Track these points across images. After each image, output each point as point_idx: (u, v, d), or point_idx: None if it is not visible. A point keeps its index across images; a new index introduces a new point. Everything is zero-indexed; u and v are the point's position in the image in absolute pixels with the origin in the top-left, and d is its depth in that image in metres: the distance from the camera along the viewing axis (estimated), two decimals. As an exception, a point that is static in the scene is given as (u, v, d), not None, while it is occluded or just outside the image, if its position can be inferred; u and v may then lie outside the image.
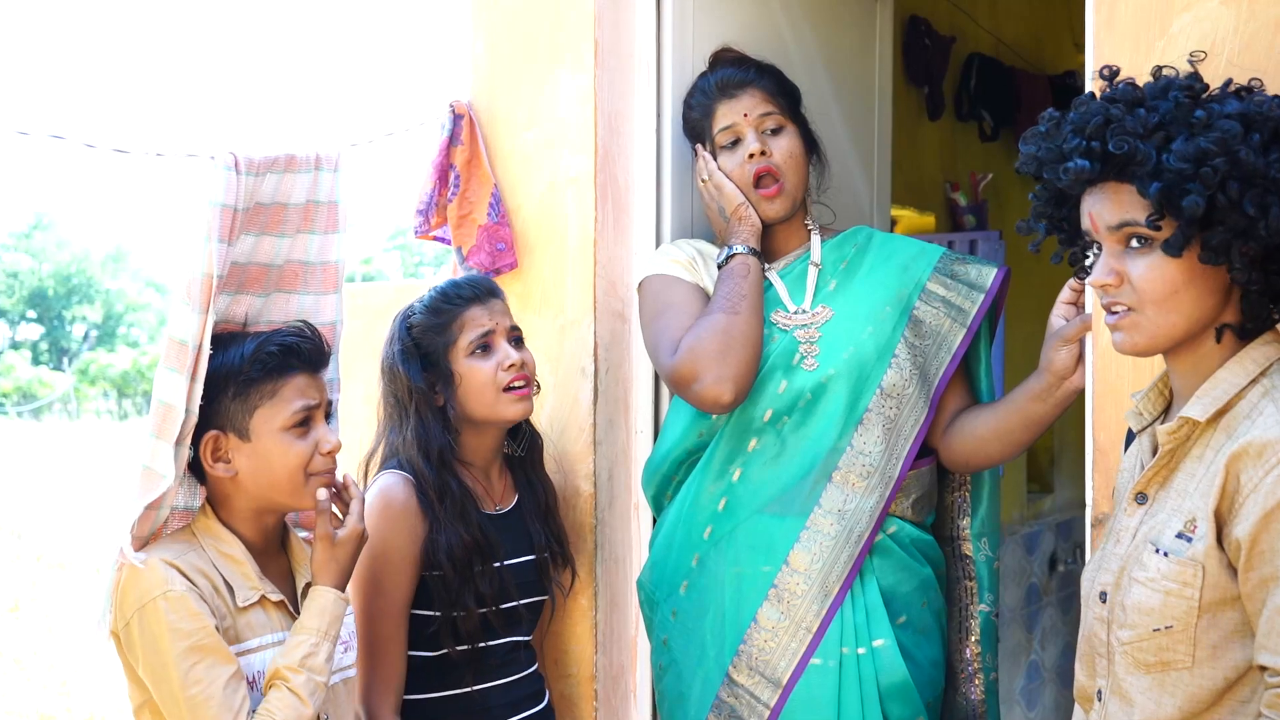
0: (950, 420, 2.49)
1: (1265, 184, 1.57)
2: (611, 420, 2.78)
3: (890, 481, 2.41)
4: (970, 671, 2.54)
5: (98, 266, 42.25)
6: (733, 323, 2.41)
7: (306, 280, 2.26)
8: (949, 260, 2.54)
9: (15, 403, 31.17)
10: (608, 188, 2.77)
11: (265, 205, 2.14)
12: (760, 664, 2.38)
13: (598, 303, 2.75)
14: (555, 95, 2.79)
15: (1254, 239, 1.58)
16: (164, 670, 1.88)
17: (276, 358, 2.02)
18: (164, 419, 1.96)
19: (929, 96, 4.66)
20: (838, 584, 2.37)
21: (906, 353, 2.45)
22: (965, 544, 2.57)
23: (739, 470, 2.45)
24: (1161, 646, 1.64)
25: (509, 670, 2.46)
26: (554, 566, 2.59)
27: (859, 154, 3.24)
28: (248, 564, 2.02)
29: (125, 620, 1.91)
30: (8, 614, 8.33)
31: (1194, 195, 1.57)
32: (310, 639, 1.98)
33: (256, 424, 2.01)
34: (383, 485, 2.40)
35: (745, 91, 2.54)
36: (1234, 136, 1.57)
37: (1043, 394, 2.30)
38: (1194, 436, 1.68)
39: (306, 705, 1.94)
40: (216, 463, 2.02)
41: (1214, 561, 1.61)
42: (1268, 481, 1.55)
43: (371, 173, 19.60)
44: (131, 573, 1.91)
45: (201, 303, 1.98)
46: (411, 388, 2.43)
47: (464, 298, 2.46)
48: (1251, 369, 1.66)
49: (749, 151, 2.51)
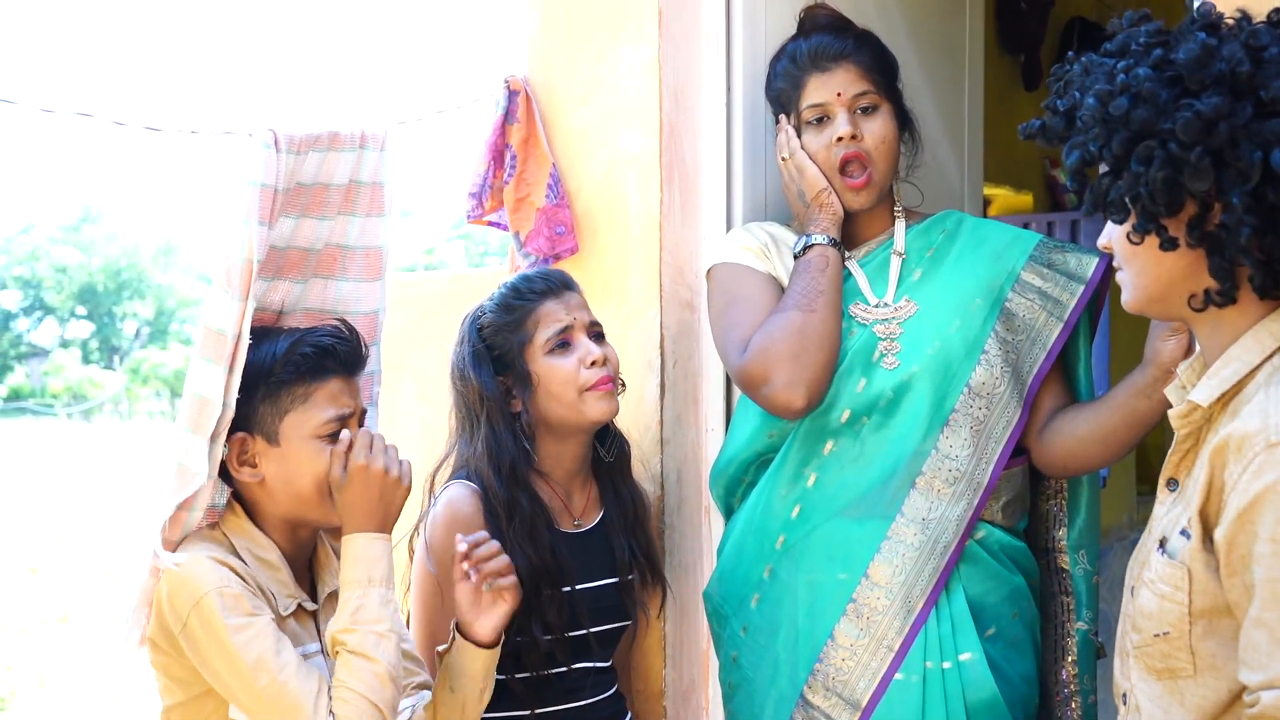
0: (1046, 420, 2.43)
1: (1145, 135, 1.55)
2: (680, 417, 2.75)
3: (979, 488, 2.36)
4: (1067, 694, 2.48)
5: (149, 261, 43.01)
6: (808, 321, 2.37)
7: (346, 265, 2.25)
8: (1046, 248, 2.48)
9: (65, 404, 31.89)
10: (674, 167, 2.75)
11: (306, 186, 2.14)
12: (838, 684, 2.34)
13: (664, 291, 2.73)
14: (616, 68, 2.78)
15: (1157, 196, 1.56)
16: (232, 664, 1.87)
17: (311, 360, 2.01)
18: (199, 413, 1.96)
19: (1025, 65, 4.60)
20: (921, 599, 2.33)
21: (998, 349, 2.40)
22: (1061, 556, 2.51)
23: (814, 475, 2.41)
24: (1164, 653, 1.62)
25: (578, 696, 2.44)
26: (641, 586, 2.55)
27: (948, 129, 3.19)
28: (284, 570, 2.03)
29: (182, 621, 1.90)
30: (58, 625, 8.49)
31: (1076, 151, 1.60)
32: (354, 592, 1.96)
33: (286, 429, 2.00)
34: (450, 496, 2.38)
35: (840, 66, 2.47)
36: (1109, 93, 1.57)
37: (1148, 389, 2.24)
38: (1214, 418, 1.63)
39: (376, 661, 1.92)
40: (243, 467, 2.02)
41: (1200, 565, 1.57)
42: (1244, 479, 1.50)
43: (432, 156, 19.63)
44: (176, 574, 1.91)
45: (241, 290, 1.97)
46: (483, 394, 2.40)
47: (537, 291, 2.43)
48: (1268, 344, 1.60)
49: (838, 134, 2.45)
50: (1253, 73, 1.51)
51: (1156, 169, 1.54)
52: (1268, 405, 1.53)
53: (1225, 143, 1.50)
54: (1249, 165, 1.49)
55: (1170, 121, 1.52)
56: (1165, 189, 1.54)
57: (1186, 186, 1.54)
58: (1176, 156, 1.52)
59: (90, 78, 56.66)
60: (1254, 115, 1.50)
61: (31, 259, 41.33)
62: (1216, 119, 1.50)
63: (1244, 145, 1.50)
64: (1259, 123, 1.50)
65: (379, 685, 1.91)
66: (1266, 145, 1.49)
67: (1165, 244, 1.59)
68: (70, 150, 53.84)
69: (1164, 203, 1.56)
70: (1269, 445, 1.49)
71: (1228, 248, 1.55)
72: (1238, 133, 1.50)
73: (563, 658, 2.38)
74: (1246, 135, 1.50)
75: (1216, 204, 1.55)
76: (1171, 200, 1.55)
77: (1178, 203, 1.56)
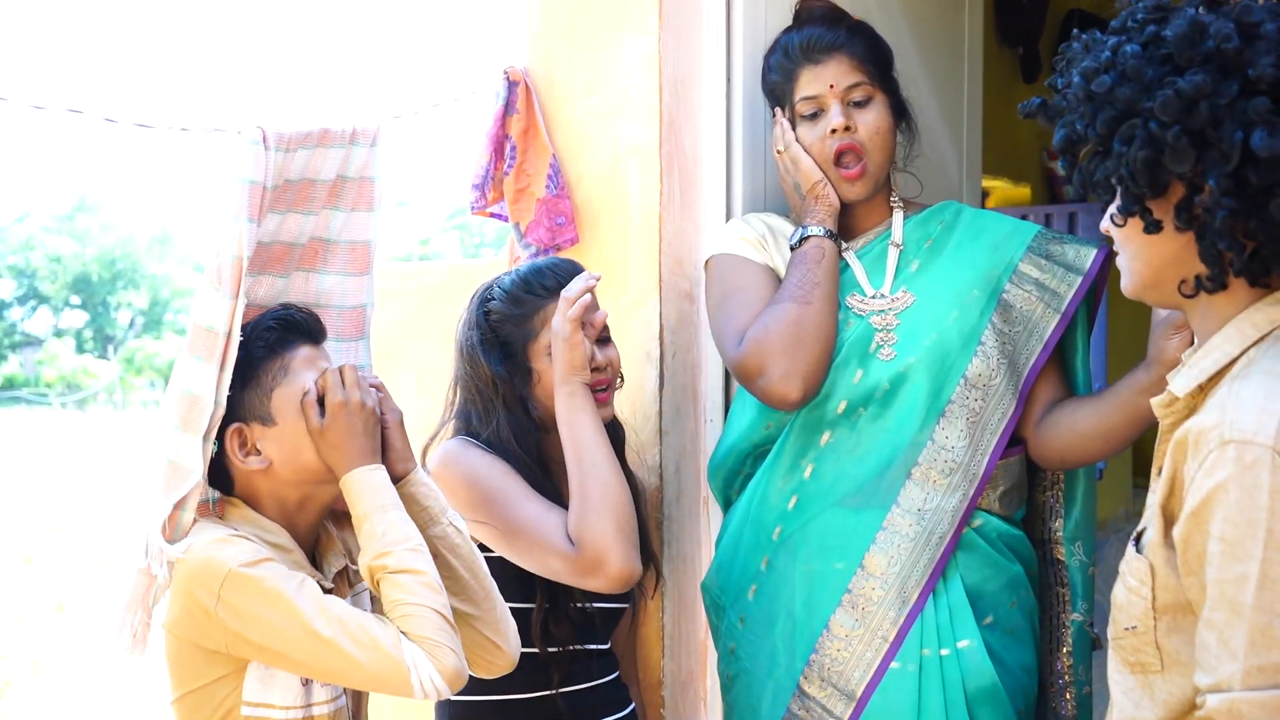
0: (1043, 413, 2.44)
1: (1129, 113, 1.52)
2: (679, 409, 2.76)
3: (974, 479, 2.37)
4: (1061, 685, 2.50)
5: (143, 250, 42.92)
6: (804, 313, 2.38)
7: (327, 259, 2.24)
8: (1044, 239, 2.48)
9: (59, 393, 31.82)
10: (673, 158, 2.75)
11: (294, 182, 2.14)
12: (833, 675, 2.35)
13: (663, 281, 2.73)
14: (617, 60, 2.78)
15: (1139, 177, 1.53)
16: (288, 616, 1.85)
17: (277, 332, 2.03)
18: (190, 409, 1.96)
19: (1023, 57, 4.61)
20: (916, 590, 2.34)
21: (994, 340, 2.41)
22: (1058, 548, 2.52)
23: (811, 466, 2.43)
24: (1134, 647, 1.60)
25: (579, 679, 2.46)
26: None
27: (947, 121, 3.20)
28: (296, 551, 2.02)
29: (215, 595, 1.86)
30: (53, 614, 8.50)
31: (1063, 130, 1.57)
32: (375, 520, 1.95)
33: (277, 404, 2.00)
34: (453, 444, 2.41)
35: (833, 58, 2.47)
36: (1094, 70, 1.54)
37: (1151, 387, 2.23)
38: (1197, 408, 1.58)
39: (422, 572, 1.92)
40: (248, 456, 2.01)
41: (1161, 560, 1.54)
42: (1199, 475, 1.46)
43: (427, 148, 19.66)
44: (194, 557, 1.89)
45: (232, 287, 1.97)
46: (495, 378, 2.42)
47: (547, 288, 2.43)
48: (1250, 333, 1.55)
49: (832, 126, 2.46)
50: (1240, 49, 1.46)
51: (1137, 148, 1.50)
52: (1227, 400, 1.49)
53: (1206, 122, 1.46)
54: (1230, 146, 1.45)
55: (1152, 100, 1.48)
56: (1146, 169, 1.51)
57: (1168, 167, 1.50)
58: (1156, 136, 1.49)
59: (83, 71, 56.53)
60: (1239, 94, 1.46)
61: (26, 248, 41.23)
62: (1197, 97, 1.46)
63: (1226, 125, 1.45)
64: (1244, 101, 1.45)
65: (432, 594, 1.92)
66: (1248, 125, 1.44)
67: (1149, 227, 1.56)
68: (65, 140, 53.71)
69: (1146, 184, 1.52)
70: (1222, 442, 1.45)
71: (1208, 231, 1.51)
72: (1220, 112, 1.46)
73: (569, 634, 2.40)
74: (1230, 115, 1.45)
75: (1206, 186, 1.50)
76: (1154, 181, 1.52)
77: (1160, 184, 1.52)
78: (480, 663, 2.10)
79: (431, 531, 2.05)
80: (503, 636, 2.11)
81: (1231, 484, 1.43)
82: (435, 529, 2.06)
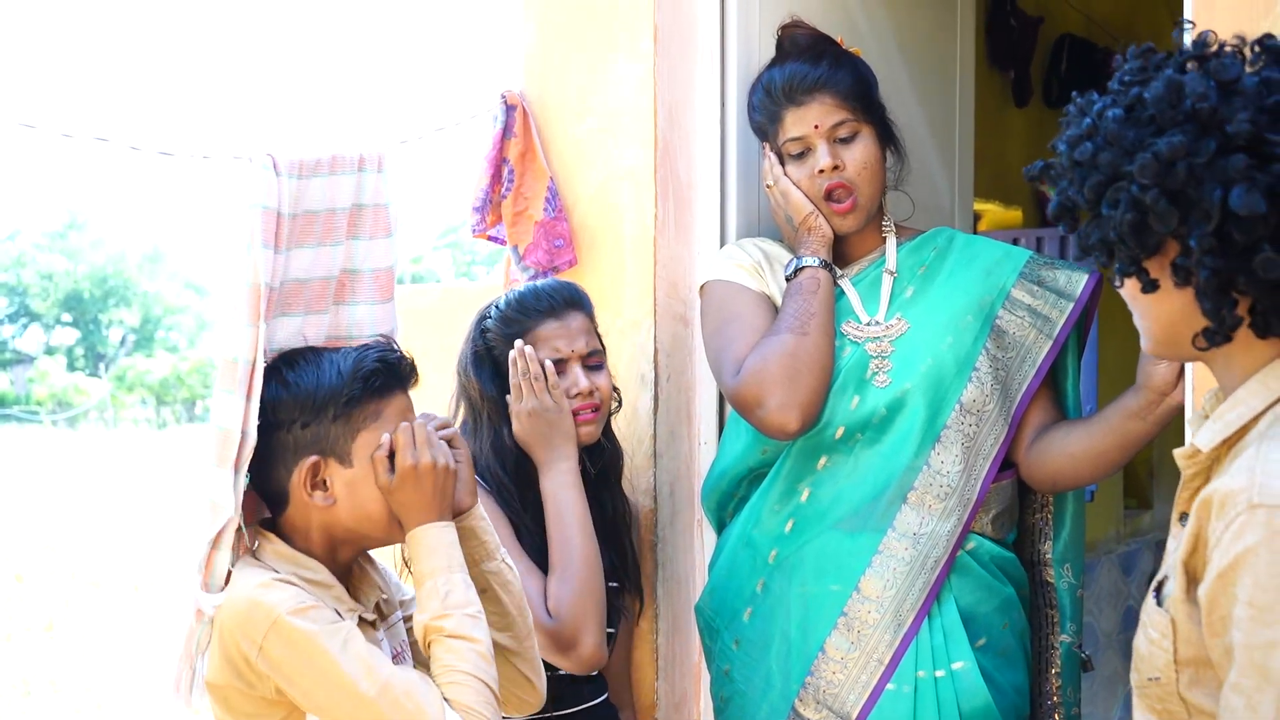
0: (1034, 437, 2.46)
1: (1115, 178, 1.52)
2: (673, 431, 2.77)
3: (969, 504, 2.38)
4: (1049, 705, 2.51)
5: (134, 268, 42.86)
6: (800, 345, 2.38)
7: (355, 289, 2.19)
8: (1036, 265, 2.50)
9: (50, 411, 31.74)
10: (668, 182, 2.76)
11: (317, 213, 2.10)
12: (828, 697, 2.36)
13: (658, 305, 2.74)
14: (611, 83, 2.79)
15: (1128, 239, 1.52)
16: (331, 674, 1.81)
17: (380, 375, 1.97)
18: (223, 445, 1.90)
19: (1015, 81, 4.62)
20: (911, 613, 2.35)
21: (988, 366, 2.42)
22: (1047, 570, 2.53)
23: (808, 490, 2.43)
24: (1159, 696, 1.58)
25: (566, 704, 2.45)
26: (621, 594, 2.57)
27: (938, 145, 3.22)
28: (337, 586, 1.97)
29: (257, 646, 1.82)
30: (43, 634, 8.47)
31: (1056, 198, 1.58)
32: (439, 580, 1.92)
33: (359, 448, 1.94)
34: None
35: (814, 99, 2.47)
36: (1077, 138, 1.54)
37: (1141, 412, 2.26)
38: (1221, 459, 1.57)
39: (478, 641, 1.89)
40: (315, 490, 1.95)
41: (1183, 615, 1.53)
42: (1226, 538, 1.44)
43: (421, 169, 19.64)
44: (236, 604, 1.85)
45: (251, 315, 1.93)
46: (484, 395, 2.45)
47: (540, 310, 2.45)
48: (1275, 389, 1.54)
49: (819, 167, 2.46)
50: (1215, 108, 1.45)
51: (1123, 212, 1.49)
52: (1255, 464, 1.47)
53: (1185, 182, 1.45)
54: (1210, 205, 1.44)
55: (1133, 163, 1.48)
56: (1133, 232, 1.50)
57: (1154, 228, 1.49)
58: (1138, 199, 1.48)
59: (77, 92, 56.48)
60: (1217, 152, 1.44)
61: (17, 265, 41.14)
62: (1174, 159, 1.45)
63: (1206, 184, 1.44)
64: (1222, 159, 1.44)
65: (485, 664, 1.89)
66: (1228, 183, 1.43)
67: (1146, 286, 1.55)
68: (56, 157, 53.65)
69: (1136, 245, 1.52)
70: (1251, 506, 1.43)
71: (1198, 289, 1.50)
72: (1199, 171, 1.44)
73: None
74: (1209, 173, 1.44)
75: (1189, 246, 1.49)
76: (1143, 242, 1.51)
77: (1150, 244, 1.51)
78: (514, 700, 2.10)
79: (486, 566, 2.04)
80: (537, 674, 2.11)
81: (1261, 548, 1.42)
82: (490, 564, 2.05)
